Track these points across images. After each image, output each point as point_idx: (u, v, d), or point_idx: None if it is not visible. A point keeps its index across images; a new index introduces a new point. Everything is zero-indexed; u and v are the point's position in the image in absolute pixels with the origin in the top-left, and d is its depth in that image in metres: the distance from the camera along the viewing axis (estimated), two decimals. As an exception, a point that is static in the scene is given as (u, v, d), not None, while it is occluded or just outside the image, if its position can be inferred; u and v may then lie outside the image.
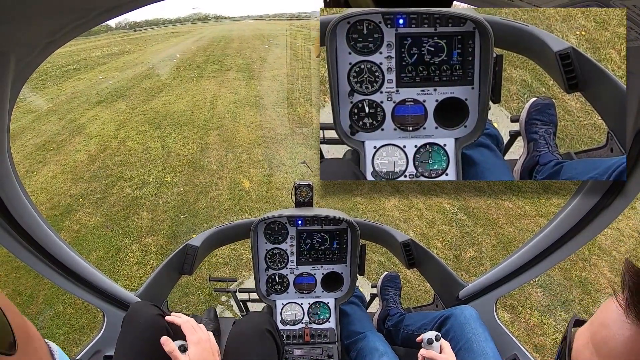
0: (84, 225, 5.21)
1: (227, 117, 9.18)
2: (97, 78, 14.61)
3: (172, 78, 13.69)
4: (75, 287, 1.57)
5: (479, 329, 1.54)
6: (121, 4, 0.89)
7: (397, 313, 2.06)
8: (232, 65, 15.46)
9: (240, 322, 1.55)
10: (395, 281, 2.21)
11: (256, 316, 1.58)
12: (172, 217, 5.35)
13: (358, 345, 1.79)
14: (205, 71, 14.49)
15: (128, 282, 4.18)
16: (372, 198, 5.60)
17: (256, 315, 1.61)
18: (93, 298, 1.65)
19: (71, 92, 12.69)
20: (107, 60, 18.93)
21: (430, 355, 1.40)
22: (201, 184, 6.20)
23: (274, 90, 11.52)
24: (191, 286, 3.98)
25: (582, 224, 1.29)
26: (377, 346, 1.72)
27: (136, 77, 14.29)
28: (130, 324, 1.41)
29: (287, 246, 1.90)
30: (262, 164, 6.84)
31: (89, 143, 7.97)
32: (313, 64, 11.14)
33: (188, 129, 8.50)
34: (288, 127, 8.41)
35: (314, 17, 7.02)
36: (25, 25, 0.81)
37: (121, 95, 11.72)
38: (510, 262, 1.59)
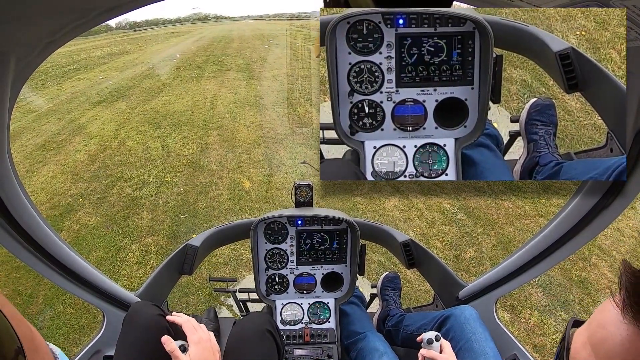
0: (84, 225, 5.21)
1: (227, 117, 9.18)
2: (98, 78, 14.62)
3: (173, 78, 13.69)
4: (75, 287, 1.57)
5: (479, 328, 1.54)
6: (121, 4, 0.89)
7: (397, 313, 2.06)
8: (232, 65, 15.47)
9: (241, 322, 1.55)
10: (396, 282, 2.21)
11: (257, 316, 1.58)
12: (172, 217, 5.35)
13: (358, 345, 1.79)
14: (206, 71, 14.49)
15: (128, 282, 4.18)
16: (372, 198, 5.60)
17: (257, 315, 1.62)
18: (93, 298, 1.65)
19: (71, 92, 12.70)
20: (108, 60, 18.95)
21: (430, 355, 1.40)
22: (201, 183, 6.20)
23: (274, 90, 11.53)
24: (191, 286, 3.98)
25: (582, 224, 1.29)
26: (377, 346, 1.72)
27: (136, 77, 14.30)
28: (130, 324, 1.41)
29: (287, 246, 1.90)
30: (262, 163, 6.84)
31: (89, 143, 7.97)
32: (313, 64, 11.14)
33: (188, 128, 8.51)
34: (288, 127, 8.42)
35: (314, 17, 7.01)
36: (25, 25, 0.81)
37: (121, 95, 11.73)
38: (510, 262, 1.59)
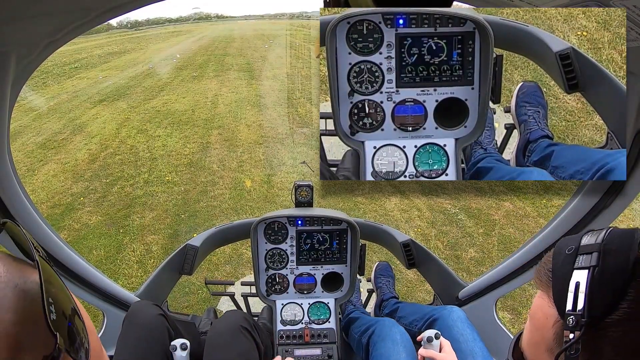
0: (85, 224, 5.22)
1: (228, 116, 9.18)
2: (98, 77, 14.63)
3: (173, 77, 13.70)
4: (75, 287, 1.57)
5: (466, 329, 1.55)
6: (121, 4, 0.89)
7: (391, 297, 2.10)
8: (233, 64, 15.47)
9: (216, 322, 1.54)
10: (387, 270, 2.28)
11: (231, 315, 1.57)
12: (173, 216, 5.36)
13: (371, 329, 1.74)
14: (207, 70, 14.49)
15: (129, 281, 4.19)
16: (373, 198, 5.60)
17: (231, 313, 1.60)
18: (93, 298, 1.65)
19: (72, 90, 12.72)
20: (109, 59, 18.95)
21: (429, 355, 1.40)
22: (202, 183, 6.20)
23: (275, 89, 11.53)
24: (191, 286, 3.98)
25: (582, 224, 1.29)
26: (393, 335, 1.64)
27: (137, 76, 14.31)
28: (130, 324, 1.41)
29: (287, 246, 1.90)
30: (263, 163, 6.85)
31: (90, 142, 7.99)
32: (313, 63, 11.14)
33: (189, 128, 8.52)
34: (289, 127, 8.42)
35: (315, 17, 7.01)
36: (26, 25, 0.81)
37: (122, 94, 11.74)
38: (510, 262, 1.59)
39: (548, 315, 0.68)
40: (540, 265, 0.72)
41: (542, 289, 0.71)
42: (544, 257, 0.73)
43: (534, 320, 0.73)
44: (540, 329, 0.70)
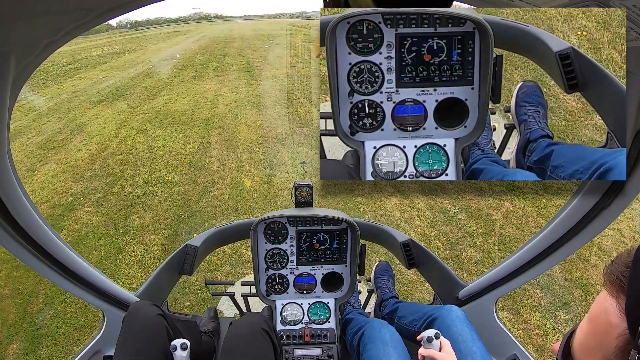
0: (85, 224, 5.22)
1: (228, 116, 9.18)
2: (98, 77, 14.62)
3: (173, 77, 13.68)
4: (75, 287, 1.57)
5: (465, 329, 1.55)
6: (121, 4, 0.89)
7: (390, 297, 2.10)
8: (233, 64, 15.44)
9: (237, 322, 1.55)
10: (387, 270, 2.28)
11: (253, 316, 1.59)
12: (173, 216, 5.36)
13: (361, 331, 1.73)
14: (206, 70, 14.48)
15: (129, 281, 4.19)
16: (373, 198, 5.60)
17: (253, 315, 1.62)
18: (93, 298, 1.65)
19: (72, 91, 12.70)
20: (108, 59, 18.92)
21: (429, 354, 1.40)
22: (202, 183, 6.20)
23: (275, 89, 11.52)
24: (191, 286, 3.98)
25: (582, 224, 1.29)
26: (383, 335, 1.64)
27: (137, 76, 14.29)
28: (130, 324, 1.41)
29: (287, 246, 1.90)
30: (262, 163, 6.84)
31: (89, 142, 7.98)
32: (313, 63, 11.13)
33: (189, 128, 8.51)
34: (289, 127, 8.41)
35: (314, 17, 7.00)
36: (26, 25, 0.81)
37: (122, 94, 11.72)
38: (510, 262, 1.59)
39: (613, 324, 0.61)
40: (614, 265, 0.64)
41: (611, 293, 0.62)
42: (621, 256, 0.63)
43: (594, 324, 0.65)
44: (601, 335, 0.63)
